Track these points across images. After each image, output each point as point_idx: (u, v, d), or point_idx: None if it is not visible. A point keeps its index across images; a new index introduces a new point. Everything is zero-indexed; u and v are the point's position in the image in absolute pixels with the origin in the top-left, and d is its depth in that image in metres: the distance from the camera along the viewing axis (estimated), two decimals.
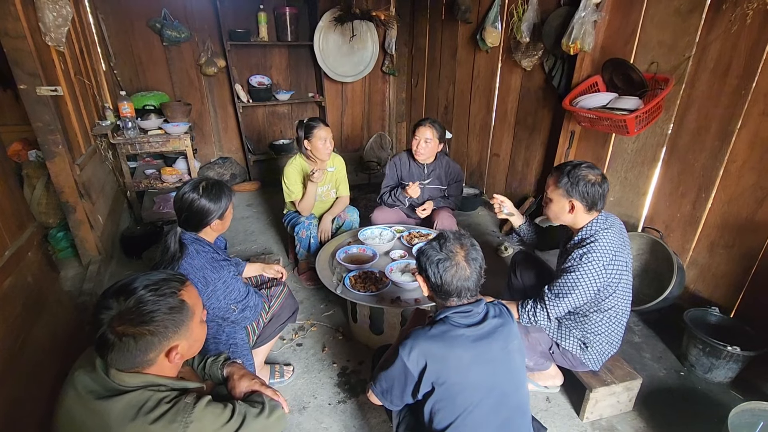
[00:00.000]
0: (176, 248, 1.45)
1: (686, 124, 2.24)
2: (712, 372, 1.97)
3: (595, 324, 1.66)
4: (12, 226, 1.66)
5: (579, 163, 1.59)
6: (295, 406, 1.85)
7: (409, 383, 1.16)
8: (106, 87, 3.57)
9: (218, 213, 1.51)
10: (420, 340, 1.13)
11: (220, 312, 1.53)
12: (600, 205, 1.59)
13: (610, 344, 1.71)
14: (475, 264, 1.21)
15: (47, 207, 2.81)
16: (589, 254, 1.53)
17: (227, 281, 1.50)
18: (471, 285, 1.19)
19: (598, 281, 1.54)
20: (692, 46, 2.15)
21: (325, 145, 2.53)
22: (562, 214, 1.64)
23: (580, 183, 1.55)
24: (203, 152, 4.57)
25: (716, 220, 2.17)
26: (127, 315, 0.87)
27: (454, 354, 1.12)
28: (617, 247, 1.57)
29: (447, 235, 1.24)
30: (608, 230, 1.58)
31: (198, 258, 1.46)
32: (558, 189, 1.60)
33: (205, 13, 4.04)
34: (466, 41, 3.86)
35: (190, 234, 1.51)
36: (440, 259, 1.19)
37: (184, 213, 1.49)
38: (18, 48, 2.09)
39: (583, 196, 1.56)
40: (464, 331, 1.14)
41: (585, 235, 1.60)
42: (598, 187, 1.55)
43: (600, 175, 1.57)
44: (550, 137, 3.19)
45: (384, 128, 5.33)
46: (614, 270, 1.55)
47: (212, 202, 1.49)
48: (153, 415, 0.85)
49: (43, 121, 2.27)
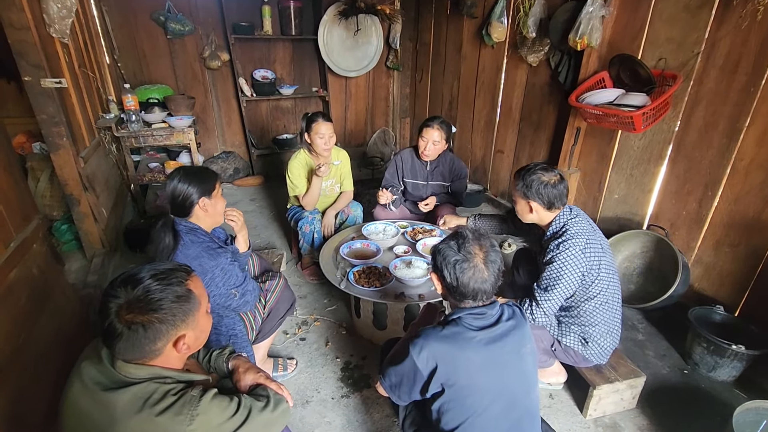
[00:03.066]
0: (170, 239, 1.47)
1: (694, 121, 2.22)
2: (716, 370, 1.96)
3: (589, 314, 1.68)
4: (17, 218, 1.66)
5: (533, 166, 1.67)
6: (299, 400, 1.86)
7: (418, 382, 1.14)
8: (110, 80, 3.57)
9: (200, 191, 1.53)
10: (431, 341, 1.10)
11: (221, 299, 1.55)
12: (559, 203, 1.66)
13: (611, 335, 1.72)
14: (494, 267, 1.15)
15: (51, 199, 2.81)
16: (565, 242, 1.60)
17: (225, 267, 1.53)
18: (488, 288, 1.15)
19: (580, 265, 1.58)
20: (701, 43, 2.13)
21: (324, 141, 2.52)
22: (524, 214, 1.74)
23: (533, 185, 1.64)
24: (206, 146, 4.56)
25: (722, 218, 2.16)
26: (135, 303, 0.87)
27: (465, 357, 1.09)
28: (588, 232, 1.63)
29: (466, 235, 1.18)
30: (575, 219, 1.65)
31: (193, 247, 1.48)
32: (516, 192, 1.71)
33: (209, 6, 4.02)
34: (471, 36, 3.83)
35: (184, 224, 1.53)
36: (457, 261, 1.14)
37: (169, 198, 1.54)
38: (22, 39, 2.08)
39: (539, 197, 1.64)
40: (477, 333, 1.11)
41: (556, 228, 1.68)
42: (552, 189, 1.63)
43: (555, 176, 1.65)
44: (556, 134, 3.17)
45: (387, 124, 5.32)
46: (591, 252, 1.60)
47: (192, 184, 1.52)
48: (159, 407, 0.85)
49: (48, 114, 2.27)
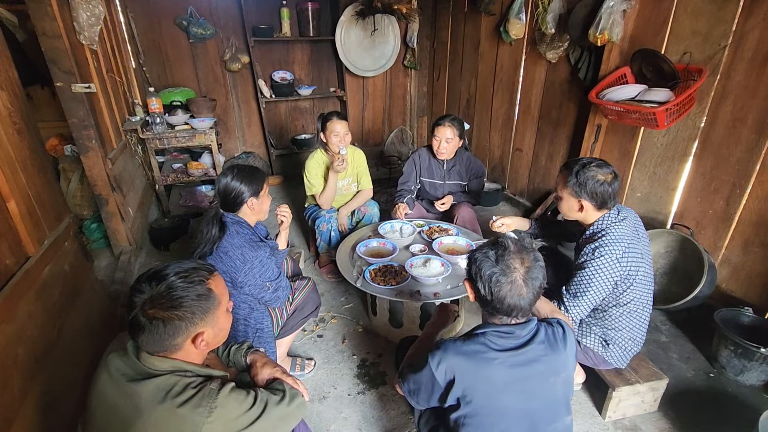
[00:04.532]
0: (216, 230, 1.58)
1: (721, 116, 2.15)
2: (744, 374, 1.90)
3: (615, 319, 1.62)
4: (51, 217, 1.75)
5: (589, 162, 1.56)
6: (316, 395, 1.89)
7: (435, 392, 1.10)
8: (136, 84, 3.69)
9: (251, 192, 1.65)
10: (450, 354, 1.05)
11: (255, 290, 1.62)
12: (611, 203, 1.56)
13: (633, 341, 1.67)
14: (534, 284, 1.04)
15: (82, 200, 2.94)
16: (601, 248, 1.51)
17: (263, 260, 1.61)
18: (524, 305, 1.04)
19: (614, 275, 1.50)
20: (728, 35, 2.06)
21: (339, 139, 2.55)
22: (571, 213, 1.64)
23: (589, 183, 1.53)
24: (227, 147, 4.67)
25: (751, 216, 2.08)
26: (158, 299, 0.91)
27: (484, 376, 1.03)
28: (631, 238, 1.53)
29: (507, 245, 1.05)
30: (620, 223, 1.55)
31: (237, 237, 1.59)
32: (566, 188, 1.59)
33: (229, 10, 4.11)
34: (489, 33, 3.79)
35: (231, 216, 1.65)
36: (494, 273, 1.03)
37: (221, 194, 1.64)
38: (55, 47, 2.19)
39: (593, 196, 1.54)
40: (498, 355, 1.03)
41: (596, 230, 1.58)
42: (608, 187, 1.52)
43: (611, 174, 1.54)
44: (575, 131, 3.11)
45: (405, 123, 5.32)
46: (629, 262, 1.51)
47: (244, 183, 1.64)
48: (180, 399, 0.89)
49: (78, 117, 2.37)
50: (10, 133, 1.55)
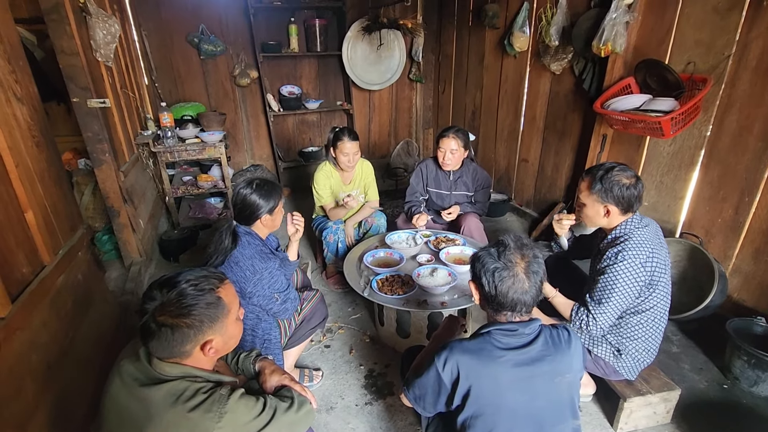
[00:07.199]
0: (229, 241, 1.60)
1: (726, 125, 2.15)
2: (759, 385, 1.86)
3: (631, 328, 1.60)
4: (65, 228, 1.79)
5: (611, 167, 1.55)
6: (323, 406, 1.89)
7: (442, 394, 1.11)
8: (148, 99, 3.79)
9: (267, 208, 1.67)
10: (455, 352, 1.08)
11: (263, 300, 1.63)
12: (636, 207, 1.55)
13: (647, 351, 1.64)
14: (536, 278, 1.09)
15: (94, 212, 2.99)
16: (624, 252, 1.49)
17: (272, 272, 1.63)
18: (528, 299, 1.08)
19: (639, 279, 1.48)
20: (732, 45, 2.07)
21: (348, 159, 2.60)
22: (596, 219, 1.61)
23: (615, 188, 1.51)
24: (236, 160, 4.74)
25: (761, 225, 2.06)
26: (168, 306, 0.93)
27: (490, 373, 1.05)
28: (654, 244, 1.52)
29: (507, 243, 1.12)
30: (643, 228, 1.54)
31: (249, 248, 1.61)
32: (591, 195, 1.57)
33: (239, 27, 4.22)
34: (493, 47, 3.85)
35: (243, 227, 1.67)
36: (497, 268, 1.08)
37: (238, 206, 1.66)
38: (72, 64, 2.26)
39: (619, 201, 1.52)
40: (504, 353, 1.06)
41: (619, 233, 1.56)
42: (633, 190, 1.51)
43: (634, 177, 1.53)
44: (581, 141, 3.12)
45: (411, 135, 5.37)
46: (654, 267, 1.49)
47: (262, 198, 1.66)
48: (191, 403, 0.90)
49: (93, 132, 2.44)
50: (29, 145, 1.60)
